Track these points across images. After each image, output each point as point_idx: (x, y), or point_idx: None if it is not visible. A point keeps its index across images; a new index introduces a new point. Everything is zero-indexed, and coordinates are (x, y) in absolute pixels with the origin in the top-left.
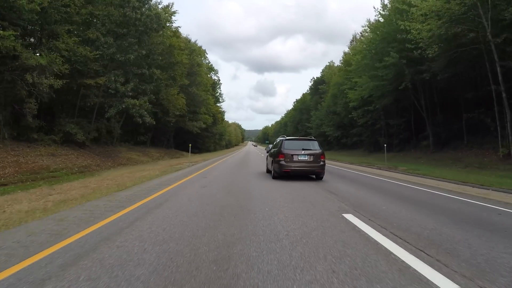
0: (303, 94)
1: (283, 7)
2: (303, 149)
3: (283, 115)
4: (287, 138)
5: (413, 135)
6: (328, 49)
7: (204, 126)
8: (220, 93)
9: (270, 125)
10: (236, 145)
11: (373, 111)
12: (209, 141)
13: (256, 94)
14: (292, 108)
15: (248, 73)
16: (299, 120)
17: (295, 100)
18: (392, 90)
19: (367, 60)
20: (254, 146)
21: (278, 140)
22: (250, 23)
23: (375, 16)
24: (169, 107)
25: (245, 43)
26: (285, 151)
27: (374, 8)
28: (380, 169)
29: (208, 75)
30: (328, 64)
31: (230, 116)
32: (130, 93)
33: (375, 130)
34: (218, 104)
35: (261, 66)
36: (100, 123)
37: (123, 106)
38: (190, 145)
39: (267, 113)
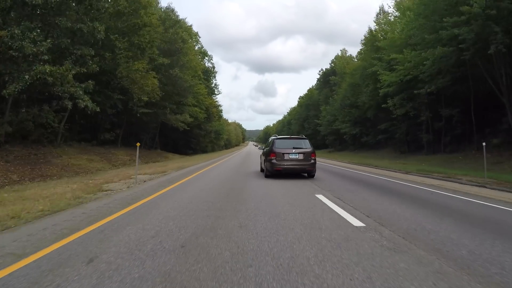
0: (310, 89)
1: (284, 7)
2: (294, 148)
3: (286, 113)
4: (278, 137)
5: (474, 130)
6: (328, 50)
7: (191, 120)
8: (215, 84)
9: (271, 125)
10: (236, 145)
11: (423, 95)
12: (204, 140)
13: (257, 94)
14: (297, 105)
15: (249, 74)
16: (305, 117)
17: (299, 97)
18: (459, 63)
19: (422, 19)
20: (255, 146)
21: (270, 140)
22: (250, 24)
23: None
24: (133, 89)
25: (246, 43)
26: (276, 150)
27: None
28: (483, 186)
29: (202, 62)
30: (339, 53)
31: (231, 116)
32: (46, 57)
33: (415, 124)
34: (214, 98)
35: (261, 67)
36: (28, 113)
37: (26, 78)
38: (138, 144)
39: (268, 113)
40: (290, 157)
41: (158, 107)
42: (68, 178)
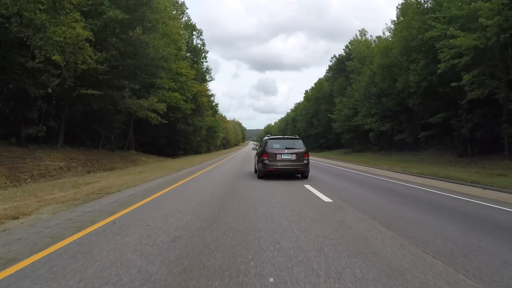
0: (319, 80)
1: (284, 4)
2: (286, 148)
3: (290, 110)
4: (271, 137)
5: None
6: (330, 47)
7: (162, 109)
8: (207, 68)
9: (273, 123)
10: (235, 144)
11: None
12: (195, 138)
13: (257, 93)
14: (304, 99)
15: (249, 72)
16: (314, 112)
17: (305, 91)
18: None
19: None
20: (255, 145)
21: (263, 140)
22: (250, 21)
23: None
24: (33, 39)
25: (246, 41)
26: (269, 150)
27: None
28: None
29: (189, 37)
30: (357, 34)
31: (231, 115)
32: None
33: (492, 114)
34: (206, 85)
35: (262, 65)
36: None
37: None
38: None
39: (268, 112)
40: (282, 157)
41: (114, 87)
42: None
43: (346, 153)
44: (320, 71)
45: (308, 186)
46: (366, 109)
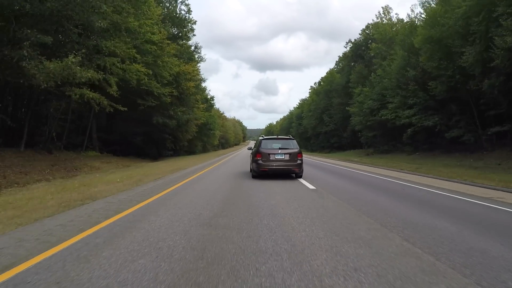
0: (330, 71)
1: (285, 4)
2: (280, 148)
3: (293, 107)
4: (265, 137)
5: None
6: (331, 48)
7: (117, 92)
8: (196, 46)
9: (275, 122)
10: (236, 144)
11: None
12: (183, 136)
13: (258, 93)
14: (312, 93)
15: (250, 72)
16: (325, 107)
17: (310, 87)
18: None
19: None
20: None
21: (257, 140)
22: (251, 21)
23: None
24: None
25: (247, 41)
26: (262, 151)
27: None
28: None
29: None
30: (379, 14)
31: (232, 115)
32: None
33: None
34: (194, 69)
35: (263, 65)
36: None
37: None
38: None
39: (269, 112)
40: (276, 157)
41: (16, 43)
42: None
43: (368, 155)
44: (320, 71)
45: None
46: (400, 99)
